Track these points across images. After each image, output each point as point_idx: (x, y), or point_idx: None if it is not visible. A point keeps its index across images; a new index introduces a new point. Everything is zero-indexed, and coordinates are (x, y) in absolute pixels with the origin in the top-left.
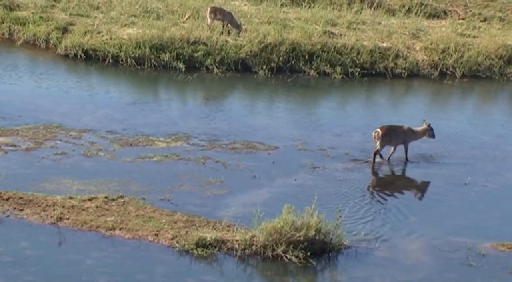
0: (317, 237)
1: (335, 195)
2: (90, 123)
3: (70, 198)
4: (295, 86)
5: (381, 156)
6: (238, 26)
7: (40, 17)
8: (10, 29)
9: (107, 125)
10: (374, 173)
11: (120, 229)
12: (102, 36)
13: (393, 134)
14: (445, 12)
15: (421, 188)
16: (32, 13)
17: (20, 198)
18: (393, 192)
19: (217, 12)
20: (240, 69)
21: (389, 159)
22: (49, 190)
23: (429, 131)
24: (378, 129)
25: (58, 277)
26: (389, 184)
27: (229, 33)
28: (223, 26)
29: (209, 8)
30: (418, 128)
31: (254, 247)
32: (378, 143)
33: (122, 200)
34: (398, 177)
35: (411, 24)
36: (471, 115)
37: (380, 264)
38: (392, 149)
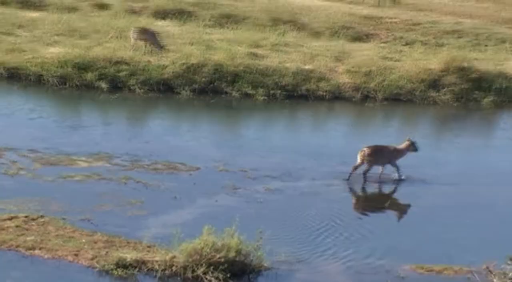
0: (237, 259)
1: (256, 216)
2: (12, 142)
3: None
4: (218, 107)
5: (365, 174)
6: (161, 47)
7: None
8: None
9: (29, 144)
10: (295, 195)
11: (40, 249)
12: (25, 55)
13: (379, 154)
14: (368, 36)
15: (341, 210)
16: None
17: None
18: (314, 214)
19: (140, 32)
20: (163, 90)
21: (380, 176)
22: None
23: (412, 146)
24: (365, 149)
25: None
26: (310, 206)
27: (152, 53)
28: (145, 46)
29: (133, 28)
30: (402, 146)
31: (174, 268)
32: (365, 162)
33: (42, 220)
34: (319, 199)
35: (334, 47)
36: (391, 138)
37: None
38: (380, 168)
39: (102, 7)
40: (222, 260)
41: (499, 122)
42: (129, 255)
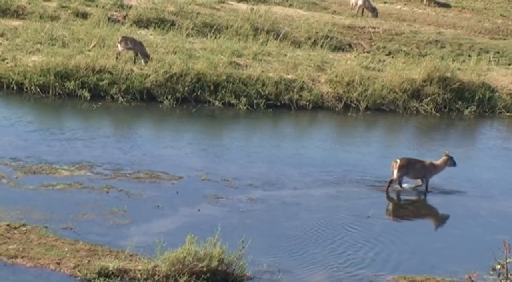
0: (219, 268)
1: (238, 225)
2: None
3: None
4: (200, 116)
5: (400, 185)
6: (147, 56)
7: None
8: None
9: (11, 152)
10: (277, 204)
11: (22, 257)
12: (7, 63)
13: (411, 168)
14: (350, 45)
15: (325, 219)
16: None
17: None
18: (297, 223)
19: (128, 41)
20: (145, 99)
21: (415, 187)
22: None
23: (450, 161)
24: (398, 160)
25: None
26: (293, 216)
27: (135, 62)
28: (133, 55)
29: (119, 37)
30: (439, 161)
31: (156, 277)
32: (395, 172)
33: (24, 228)
34: (301, 208)
35: (317, 57)
36: (374, 148)
37: None
38: (418, 181)
39: (84, 16)
40: (205, 269)
41: (482, 132)
42: (112, 264)
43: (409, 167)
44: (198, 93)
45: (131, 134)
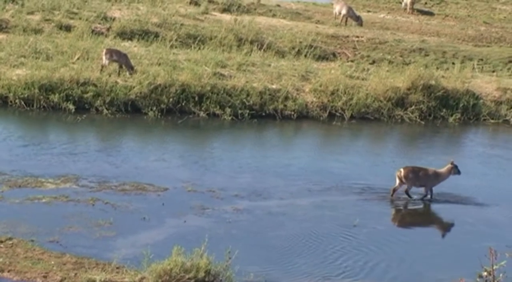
0: (206, 279)
1: (224, 236)
2: None
3: None
4: (185, 127)
5: (409, 195)
6: (131, 68)
7: None
8: None
9: None
10: (263, 215)
11: (8, 271)
12: None
13: (416, 176)
14: (334, 54)
15: (311, 229)
16: None
17: None
18: (284, 233)
19: (113, 54)
20: (130, 111)
21: (423, 198)
22: None
23: (454, 169)
24: (402, 169)
25: None
26: (279, 226)
27: (119, 74)
28: (117, 68)
29: (104, 50)
30: (443, 169)
31: None
32: (400, 182)
33: (10, 242)
34: (287, 218)
35: (301, 66)
36: (359, 157)
37: None
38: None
39: (68, 28)
40: (192, 280)
41: (467, 140)
42: (98, 277)
43: (414, 175)
44: (183, 104)
45: (116, 147)
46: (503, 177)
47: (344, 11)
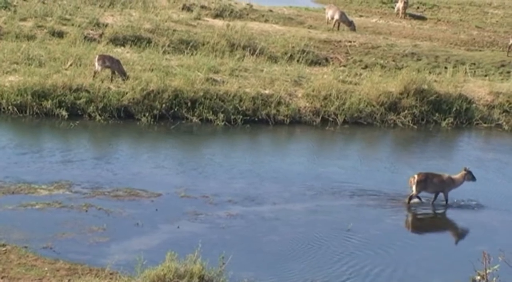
0: None
1: (218, 242)
2: None
3: None
4: (178, 133)
5: (419, 199)
6: (124, 74)
7: None
8: None
9: None
10: (257, 220)
11: (2, 278)
12: None
13: (430, 182)
14: (326, 59)
15: (305, 234)
16: None
17: None
18: (277, 238)
19: (105, 60)
20: (123, 117)
21: (432, 202)
22: None
23: (468, 175)
24: (415, 175)
25: None
26: (273, 231)
27: (111, 80)
28: (110, 73)
29: (97, 56)
30: (457, 175)
31: None
32: (414, 188)
33: (4, 248)
34: (281, 223)
35: (293, 71)
36: (352, 161)
37: None
38: (433, 195)
39: (60, 35)
40: None
41: (460, 144)
42: None
43: (427, 182)
44: (176, 110)
45: (109, 153)
46: (497, 181)
47: (336, 16)
